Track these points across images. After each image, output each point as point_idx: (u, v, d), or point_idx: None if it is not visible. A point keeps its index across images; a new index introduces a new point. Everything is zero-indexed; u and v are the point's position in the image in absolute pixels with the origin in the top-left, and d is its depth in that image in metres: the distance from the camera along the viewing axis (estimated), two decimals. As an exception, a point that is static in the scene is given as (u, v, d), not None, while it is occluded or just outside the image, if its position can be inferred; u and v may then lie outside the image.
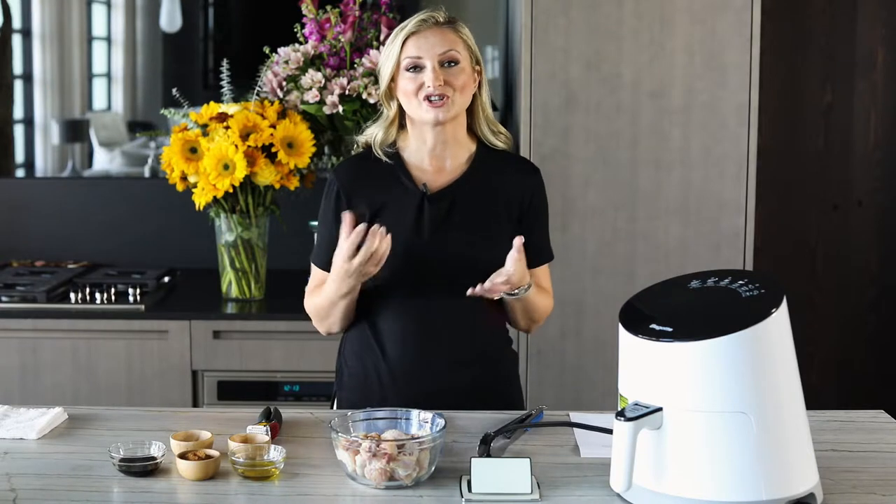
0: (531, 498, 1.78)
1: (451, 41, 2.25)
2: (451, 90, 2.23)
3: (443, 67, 2.23)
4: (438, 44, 2.24)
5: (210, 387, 3.16)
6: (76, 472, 1.91)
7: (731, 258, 3.17)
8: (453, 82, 2.23)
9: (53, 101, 3.93)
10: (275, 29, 3.45)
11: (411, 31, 2.25)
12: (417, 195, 2.28)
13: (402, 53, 2.25)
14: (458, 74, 2.24)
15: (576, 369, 3.21)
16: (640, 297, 1.87)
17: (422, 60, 2.24)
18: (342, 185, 2.31)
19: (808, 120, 3.94)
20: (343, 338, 2.41)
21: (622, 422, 1.71)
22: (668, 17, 3.13)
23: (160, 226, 3.72)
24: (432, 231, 2.26)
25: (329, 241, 2.29)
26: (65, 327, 3.16)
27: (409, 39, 2.25)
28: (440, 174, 2.30)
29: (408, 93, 2.25)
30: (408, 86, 2.24)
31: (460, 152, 2.32)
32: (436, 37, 2.25)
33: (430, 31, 2.25)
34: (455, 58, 2.24)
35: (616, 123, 3.16)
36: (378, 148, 2.33)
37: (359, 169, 2.34)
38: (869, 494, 1.82)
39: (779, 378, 1.73)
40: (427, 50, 2.24)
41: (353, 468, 1.84)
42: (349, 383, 2.36)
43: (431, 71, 2.22)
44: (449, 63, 2.24)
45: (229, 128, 3.12)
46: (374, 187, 2.30)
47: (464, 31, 2.29)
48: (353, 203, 2.29)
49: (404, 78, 2.25)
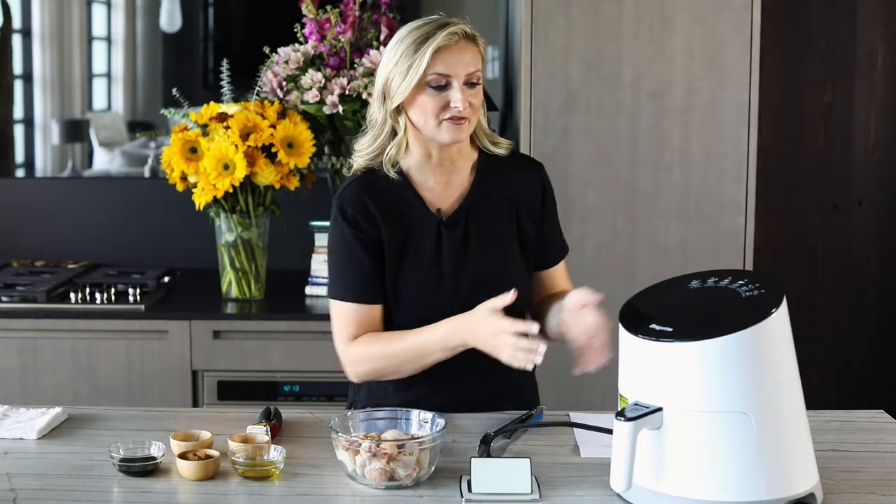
0: (531, 498, 1.78)
1: (475, 59, 2.12)
2: (471, 111, 2.12)
3: (466, 87, 2.11)
4: (468, 62, 2.10)
5: (210, 387, 3.16)
6: (76, 472, 1.91)
7: (731, 258, 3.17)
8: (474, 103, 2.13)
9: (53, 101, 3.93)
10: (275, 29, 3.45)
11: (441, 44, 2.07)
12: (433, 222, 2.18)
13: (428, 69, 2.07)
14: (478, 94, 2.13)
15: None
16: (640, 297, 1.87)
17: (450, 79, 2.09)
18: (355, 214, 2.16)
19: (808, 120, 3.94)
20: None
21: (622, 422, 1.71)
22: (668, 17, 3.13)
23: (160, 226, 3.72)
24: (453, 259, 2.17)
25: (354, 269, 2.15)
26: (65, 327, 3.16)
27: (438, 55, 2.07)
28: (448, 189, 2.22)
29: (427, 111, 2.10)
30: (429, 103, 2.10)
31: (465, 164, 2.23)
32: (465, 54, 2.10)
33: (458, 46, 2.09)
34: (479, 78, 2.13)
35: (616, 123, 3.16)
36: (389, 165, 2.18)
37: (367, 195, 2.17)
38: (869, 494, 1.82)
39: (779, 378, 1.73)
40: (456, 67, 2.09)
41: (353, 468, 1.84)
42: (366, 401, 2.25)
43: (459, 91, 2.08)
44: (472, 83, 2.12)
45: (229, 128, 3.13)
46: (388, 214, 2.17)
47: (482, 46, 2.15)
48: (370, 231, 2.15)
49: (426, 94, 2.09)
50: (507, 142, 2.29)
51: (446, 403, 2.13)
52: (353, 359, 2.17)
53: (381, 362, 2.14)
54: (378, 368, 2.15)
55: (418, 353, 2.11)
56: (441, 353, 2.11)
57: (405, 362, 2.13)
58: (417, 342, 2.11)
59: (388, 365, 2.14)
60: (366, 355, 2.15)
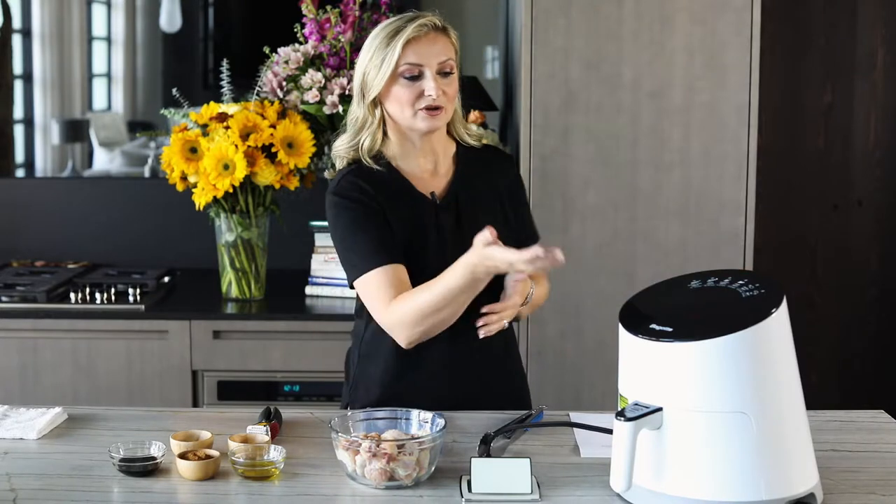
0: (531, 498, 1.78)
1: (447, 49, 2.20)
2: (445, 99, 2.19)
3: (439, 76, 2.18)
4: (438, 52, 2.18)
5: (210, 387, 3.16)
6: (76, 472, 1.91)
7: (731, 258, 3.17)
8: (448, 92, 2.20)
9: (53, 101, 3.93)
10: (275, 29, 3.45)
11: (411, 36, 2.16)
12: (428, 205, 2.24)
13: (400, 59, 2.16)
14: (451, 83, 2.21)
15: (576, 369, 3.21)
16: (640, 297, 1.87)
17: (422, 68, 2.17)
18: (359, 197, 2.19)
19: (808, 120, 3.94)
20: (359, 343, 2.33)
21: (622, 422, 1.71)
22: (668, 17, 3.13)
23: (160, 226, 3.72)
24: (451, 242, 2.21)
25: (376, 239, 2.17)
26: (65, 327, 3.16)
27: (409, 45, 2.16)
28: (435, 178, 2.28)
29: (403, 101, 2.18)
30: (404, 94, 2.17)
31: (447, 152, 2.30)
32: (436, 44, 2.18)
33: (428, 37, 2.17)
34: (452, 67, 2.20)
35: (616, 123, 3.16)
36: (367, 156, 2.24)
37: (363, 182, 2.21)
38: (869, 494, 1.82)
39: (779, 378, 1.73)
40: (427, 57, 2.17)
41: (353, 468, 1.84)
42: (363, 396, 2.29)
43: (432, 80, 2.16)
44: (445, 72, 2.19)
45: (229, 128, 3.12)
46: (387, 199, 2.21)
47: (454, 37, 2.24)
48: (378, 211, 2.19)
49: (400, 85, 2.17)
50: (478, 132, 2.35)
51: (439, 398, 2.15)
52: (396, 321, 2.14)
53: (425, 308, 2.10)
54: (424, 319, 2.12)
55: (454, 292, 2.08)
56: (470, 293, 2.09)
57: (444, 303, 2.09)
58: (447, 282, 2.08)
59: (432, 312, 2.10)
60: (409, 309, 2.11)
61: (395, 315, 2.13)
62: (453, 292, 2.08)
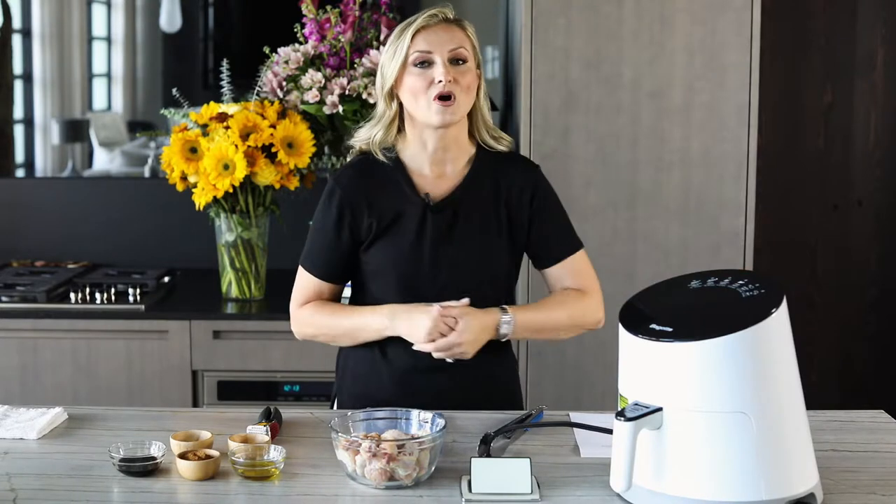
0: (531, 498, 1.78)
1: (460, 39, 2.20)
2: (458, 89, 2.17)
3: (451, 65, 2.18)
4: (449, 40, 2.19)
5: (210, 387, 3.17)
6: (76, 472, 1.91)
7: (731, 258, 3.17)
8: (461, 81, 2.18)
9: (53, 101, 3.93)
10: (275, 29, 3.45)
11: (421, 25, 2.19)
12: (420, 206, 2.24)
13: (410, 48, 2.18)
14: (465, 73, 2.19)
15: (576, 369, 3.21)
16: (640, 297, 1.87)
17: (431, 55, 2.17)
18: (346, 197, 2.25)
19: (808, 120, 3.94)
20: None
21: (622, 422, 1.71)
22: (668, 17, 3.13)
23: (160, 226, 3.72)
24: (436, 244, 2.23)
25: (329, 250, 2.27)
26: (65, 327, 3.16)
27: (419, 34, 2.18)
28: (441, 180, 2.27)
29: (415, 90, 2.18)
30: (416, 82, 2.18)
31: (461, 156, 2.28)
32: (446, 33, 2.19)
33: (439, 26, 2.19)
34: (464, 56, 2.19)
35: (616, 123, 3.16)
36: (378, 148, 2.28)
37: (361, 178, 2.27)
38: (869, 494, 1.82)
39: (779, 378, 1.73)
40: (437, 45, 2.18)
41: (353, 468, 1.84)
42: (351, 388, 2.33)
43: (442, 66, 2.16)
44: (457, 61, 2.19)
45: (229, 128, 3.13)
46: (378, 197, 2.25)
47: (470, 31, 2.24)
48: (356, 216, 2.24)
49: (412, 74, 2.18)
50: (508, 137, 2.34)
51: (431, 399, 2.15)
52: (298, 320, 2.32)
53: (321, 330, 2.29)
54: (317, 334, 2.31)
55: (353, 336, 2.27)
56: (374, 335, 2.25)
57: (340, 336, 2.29)
58: (355, 324, 2.25)
59: (325, 334, 2.30)
60: (310, 321, 2.30)
61: (300, 315, 2.31)
62: (357, 332, 2.25)
